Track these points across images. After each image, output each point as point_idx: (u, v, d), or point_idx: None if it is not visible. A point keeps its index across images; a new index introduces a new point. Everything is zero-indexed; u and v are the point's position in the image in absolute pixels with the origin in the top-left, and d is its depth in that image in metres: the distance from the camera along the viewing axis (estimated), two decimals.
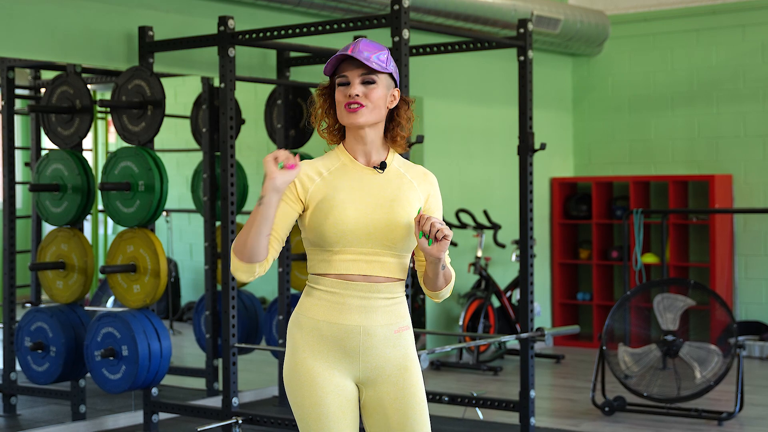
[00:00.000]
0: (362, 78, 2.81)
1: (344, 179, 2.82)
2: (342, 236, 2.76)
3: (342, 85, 2.82)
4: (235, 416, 5.25)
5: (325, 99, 2.88)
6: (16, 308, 5.93)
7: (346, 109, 2.80)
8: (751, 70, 8.28)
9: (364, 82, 2.81)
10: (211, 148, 6.22)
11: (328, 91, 2.88)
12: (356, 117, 2.80)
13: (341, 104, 2.81)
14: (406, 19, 4.87)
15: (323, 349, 2.79)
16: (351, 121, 2.81)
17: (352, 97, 2.79)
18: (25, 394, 5.98)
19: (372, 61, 2.78)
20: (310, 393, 2.77)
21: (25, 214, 6.63)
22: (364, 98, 2.80)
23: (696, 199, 8.44)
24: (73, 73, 5.60)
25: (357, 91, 2.79)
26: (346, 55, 2.79)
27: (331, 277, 2.78)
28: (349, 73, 2.81)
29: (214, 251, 6.22)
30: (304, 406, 2.78)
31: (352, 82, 2.81)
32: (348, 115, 2.80)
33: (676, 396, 6.02)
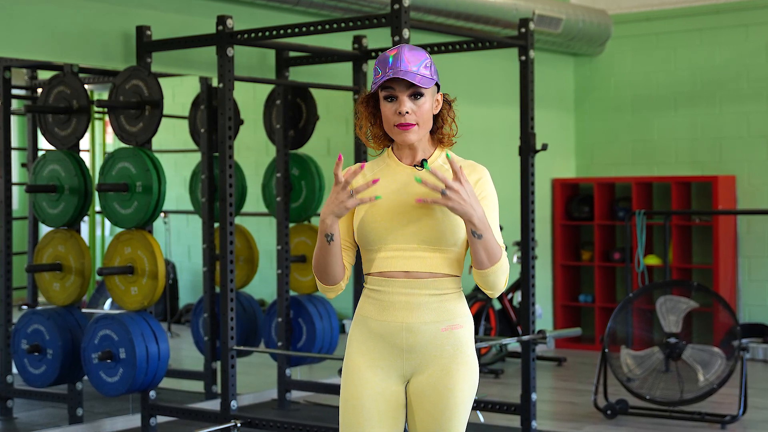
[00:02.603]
0: (411, 92, 2.78)
1: (384, 180, 2.82)
2: (379, 234, 2.78)
3: (389, 99, 2.79)
4: (233, 419, 5.25)
5: (370, 109, 2.85)
6: (13, 310, 5.90)
7: (399, 128, 2.79)
8: (755, 70, 8.24)
9: (412, 95, 2.78)
10: (209, 149, 6.20)
11: (372, 101, 2.85)
12: (409, 136, 2.79)
13: (390, 121, 2.79)
14: (407, 19, 4.85)
15: (371, 345, 2.82)
16: (403, 140, 2.80)
17: (402, 115, 2.77)
18: (22, 397, 5.96)
19: (418, 77, 2.75)
20: (350, 386, 2.82)
21: (22, 216, 6.60)
22: (414, 115, 2.78)
23: (699, 200, 8.41)
24: (70, 73, 5.57)
25: (407, 108, 2.77)
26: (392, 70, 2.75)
27: (374, 276, 2.81)
28: (397, 88, 2.78)
29: (212, 253, 6.19)
30: (344, 398, 2.82)
31: (401, 98, 2.78)
32: (400, 133, 2.79)
33: (679, 399, 5.99)
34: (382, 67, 2.76)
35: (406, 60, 2.75)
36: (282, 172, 6.22)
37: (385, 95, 2.78)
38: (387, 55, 2.78)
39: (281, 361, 6.29)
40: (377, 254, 2.79)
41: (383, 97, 2.78)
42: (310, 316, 6.29)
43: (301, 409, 6.31)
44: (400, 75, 2.73)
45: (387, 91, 2.77)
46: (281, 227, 6.23)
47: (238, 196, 6.40)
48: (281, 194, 6.22)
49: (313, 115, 6.32)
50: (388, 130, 2.80)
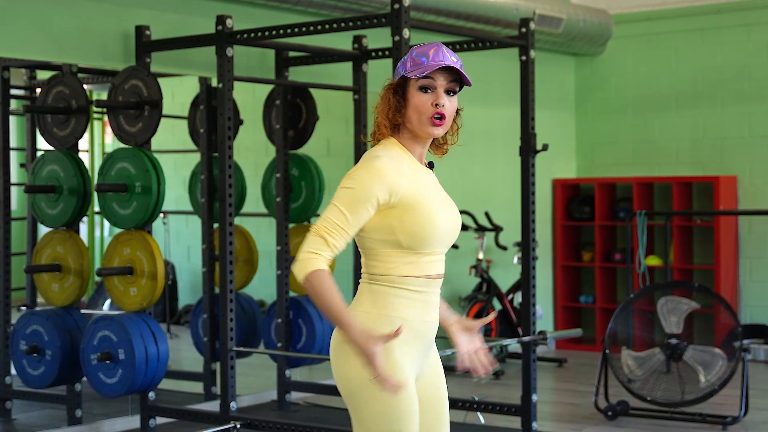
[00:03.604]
0: (448, 87, 2.79)
1: (418, 180, 2.81)
2: (438, 240, 2.80)
3: (425, 89, 2.78)
4: (233, 420, 5.24)
5: (398, 97, 2.83)
6: (12, 311, 5.88)
7: (431, 119, 2.78)
8: (757, 70, 8.22)
9: (447, 91, 2.80)
10: (208, 149, 6.18)
11: (400, 90, 2.83)
12: (440, 130, 2.80)
13: (423, 112, 2.78)
14: (407, 19, 4.83)
15: (414, 347, 2.82)
16: (432, 133, 2.80)
17: (440, 107, 2.78)
18: (21, 398, 5.95)
19: (465, 75, 2.78)
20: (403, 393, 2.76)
21: (21, 216, 6.59)
22: (445, 109, 2.79)
23: (700, 201, 8.39)
24: (69, 73, 5.55)
25: (444, 101, 2.78)
26: (440, 61, 2.75)
27: (419, 278, 2.80)
28: (437, 80, 2.78)
29: (211, 253, 6.17)
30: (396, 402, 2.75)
31: (439, 90, 2.78)
32: (431, 127, 2.79)
33: (680, 400, 5.97)
34: (423, 58, 2.77)
35: (447, 56, 2.78)
36: (282, 173, 6.21)
37: (421, 85, 2.78)
38: (426, 48, 2.79)
39: (281, 362, 6.28)
40: (424, 258, 2.80)
41: (419, 87, 2.78)
42: (310, 317, 6.28)
43: (300, 410, 6.30)
44: (454, 65, 2.75)
45: (426, 81, 2.77)
46: (281, 228, 6.21)
47: (238, 196, 6.38)
48: (281, 195, 6.20)
49: (312, 115, 6.30)
50: (417, 120, 2.79)
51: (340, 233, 2.72)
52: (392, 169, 2.74)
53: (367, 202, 2.72)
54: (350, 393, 2.80)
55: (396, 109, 2.82)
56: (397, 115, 2.83)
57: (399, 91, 2.83)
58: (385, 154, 2.78)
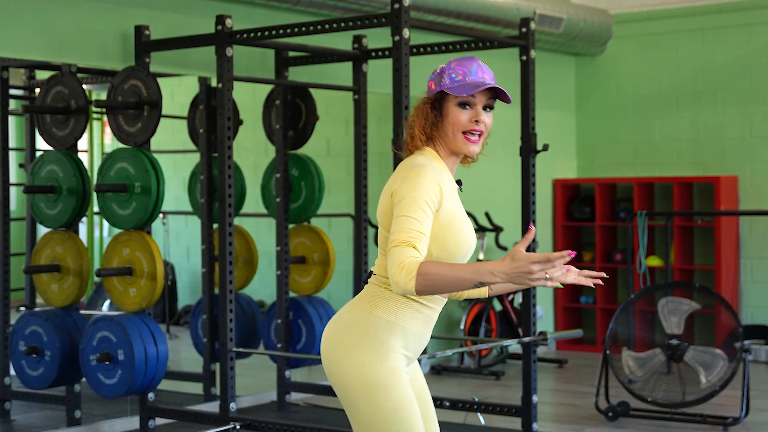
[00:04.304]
0: (487, 103, 2.81)
1: (453, 194, 2.83)
2: (463, 257, 2.83)
3: (464, 105, 2.80)
4: (232, 421, 5.24)
5: (435, 112, 2.84)
6: (11, 312, 5.87)
7: (467, 136, 2.81)
8: (758, 70, 8.21)
9: (485, 107, 2.82)
10: (208, 149, 6.17)
11: (437, 104, 2.84)
12: (476, 147, 2.83)
13: (459, 128, 2.80)
14: (407, 18, 4.82)
15: (407, 357, 2.85)
16: (469, 150, 2.82)
17: (479, 124, 2.80)
18: (20, 399, 5.93)
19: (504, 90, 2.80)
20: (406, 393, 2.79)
21: (20, 216, 6.58)
22: (483, 126, 2.82)
23: (701, 201, 8.37)
24: (68, 73, 5.54)
25: (483, 117, 2.80)
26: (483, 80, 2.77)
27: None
28: (477, 96, 2.80)
29: (211, 254, 6.16)
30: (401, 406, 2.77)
31: (478, 107, 2.81)
32: (467, 144, 2.82)
33: (681, 401, 5.96)
34: (464, 74, 2.78)
35: (487, 72, 2.81)
36: (281, 173, 6.19)
37: (461, 101, 2.80)
38: (464, 63, 2.80)
39: (281, 362, 6.27)
40: None
41: (458, 103, 2.80)
42: (310, 318, 6.26)
43: (300, 411, 6.29)
44: (497, 86, 2.78)
45: (465, 98, 2.79)
46: (281, 228, 6.20)
47: (237, 196, 6.37)
48: (280, 195, 6.19)
49: (312, 115, 6.29)
50: (453, 136, 2.81)
51: (422, 239, 2.69)
52: (438, 179, 2.76)
53: (429, 203, 2.72)
54: (351, 395, 2.79)
55: (433, 123, 2.84)
56: (434, 129, 2.84)
57: (436, 105, 2.84)
58: (428, 163, 2.79)
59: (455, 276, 2.60)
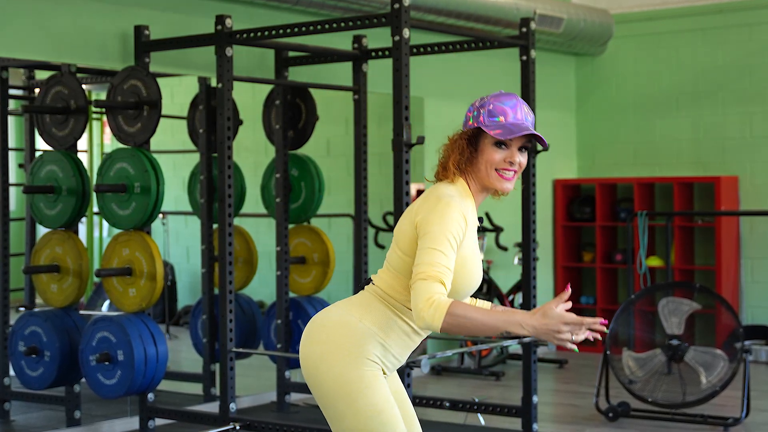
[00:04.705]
0: (522, 144, 2.83)
1: (474, 232, 2.83)
2: (465, 294, 2.84)
3: (500, 145, 2.81)
4: (232, 422, 5.23)
5: (470, 147, 2.84)
6: (10, 312, 5.86)
7: (501, 175, 2.82)
8: (758, 70, 8.20)
9: (521, 147, 2.83)
10: (208, 150, 6.16)
11: (473, 139, 2.85)
12: (510, 185, 2.84)
13: (493, 166, 2.81)
14: (407, 18, 4.81)
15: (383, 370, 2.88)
16: (503, 189, 2.83)
17: (513, 165, 2.81)
18: (19, 399, 5.92)
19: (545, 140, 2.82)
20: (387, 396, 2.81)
21: (19, 217, 6.56)
22: (518, 167, 2.83)
23: (701, 201, 8.36)
24: (67, 73, 5.53)
25: (518, 158, 2.81)
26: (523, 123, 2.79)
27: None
28: (515, 138, 2.81)
29: (211, 254, 6.15)
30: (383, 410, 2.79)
31: (513, 148, 2.81)
32: (501, 181, 2.82)
33: (682, 401, 5.95)
34: (504, 113, 2.79)
35: (527, 114, 2.82)
36: (281, 173, 6.18)
37: (497, 141, 2.81)
38: (504, 102, 2.82)
39: (280, 363, 6.26)
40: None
41: (494, 143, 2.81)
42: (310, 318, 6.24)
43: (300, 411, 6.28)
44: (536, 132, 2.79)
45: (500, 137, 2.79)
46: (280, 228, 6.19)
47: (237, 196, 6.36)
48: (280, 195, 6.18)
49: (312, 115, 6.28)
50: (487, 174, 2.82)
51: (448, 275, 2.71)
52: (464, 214, 2.78)
53: (457, 239, 2.74)
54: (329, 395, 2.80)
55: (467, 159, 2.84)
56: (467, 164, 2.85)
57: (472, 139, 2.84)
58: (458, 196, 2.81)
59: (484, 322, 2.64)
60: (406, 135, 4.73)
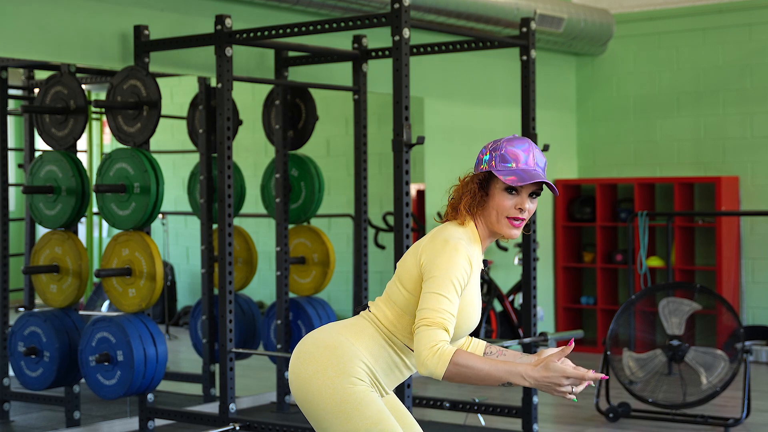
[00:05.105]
0: (532, 191, 2.83)
1: (476, 275, 2.84)
2: (461, 336, 2.84)
3: (510, 191, 2.81)
4: (232, 423, 5.22)
5: (481, 191, 2.85)
6: (9, 312, 5.85)
7: (511, 221, 2.82)
8: (759, 70, 8.19)
9: (531, 194, 2.83)
10: (207, 150, 6.15)
11: (485, 183, 2.85)
12: (517, 232, 2.84)
13: (504, 213, 2.81)
14: (407, 18, 4.80)
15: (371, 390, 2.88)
16: (511, 235, 2.83)
17: (523, 212, 2.82)
18: (19, 399, 5.92)
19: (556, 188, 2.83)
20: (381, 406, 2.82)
21: (19, 217, 6.56)
22: (528, 213, 2.84)
23: (702, 202, 8.35)
24: (67, 73, 5.52)
25: (528, 205, 2.82)
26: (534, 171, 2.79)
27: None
28: (525, 185, 2.82)
29: (210, 254, 6.14)
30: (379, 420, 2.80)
31: (523, 195, 2.82)
32: (511, 228, 2.83)
33: (682, 402, 5.94)
34: (516, 159, 2.79)
35: (539, 159, 2.82)
36: (281, 173, 6.18)
37: (508, 187, 2.81)
38: (517, 147, 2.80)
39: (280, 363, 6.25)
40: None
41: (505, 188, 2.81)
42: (310, 319, 6.24)
43: (299, 412, 6.26)
44: (548, 181, 2.80)
45: (512, 184, 2.80)
46: (280, 228, 6.18)
47: (237, 197, 6.35)
48: (280, 195, 6.17)
49: (312, 115, 6.27)
50: (497, 219, 2.82)
51: (452, 321, 2.73)
52: (471, 259, 2.78)
53: (462, 284, 2.75)
54: (321, 413, 2.80)
55: (479, 203, 2.84)
56: (479, 209, 2.85)
57: (483, 183, 2.84)
58: (466, 240, 2.81)
59: (487, 372, 2.66)
60: (406, 135, 4.72)
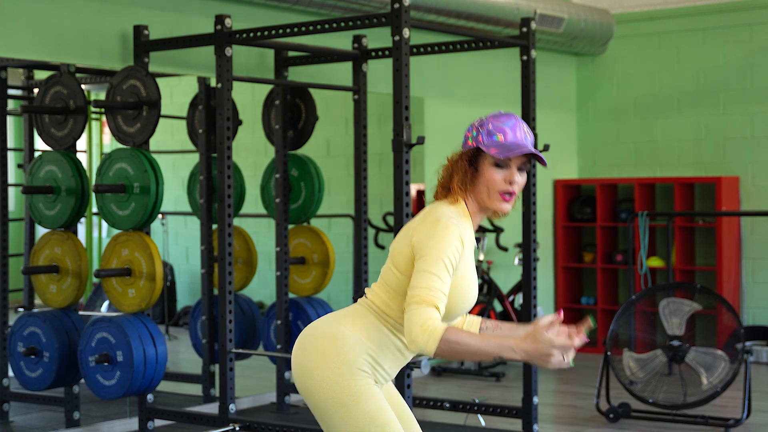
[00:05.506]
0: (521, 164, 2.83)
1: (471, 253, 2.83)
2: (459, 313, 2.83)
3: (499, 165, 2.81)
4: (232, 423, 5.22)
5: (471, 168, 2.84)
6: (9, 313, 5.84)
7: (502, 196, 2.81)
8: (759, 70, 8.18)
9: (520, 168, 2.83)
10: (207, 150, 6.15)
11: (473, 160, 2.85)
12: (509, 207, 2.83)
13: (494, 187, 2.81)
14: (407, 18, 4.79)
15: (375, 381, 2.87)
16: (502, 209, 2.83)
17: (513, 184, 2.81)
18: (18, 400, 5.91)
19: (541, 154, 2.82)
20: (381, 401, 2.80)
21: (18, 217, 6.55)
22: (517, 187, 2.83)
23: (702, 202, 8.35)
24: (66, 73, 5.52)
25: (517, 178, 2.81)
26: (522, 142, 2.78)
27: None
28: (513, 158, 2.81)
29: (210, 255, 6.14)
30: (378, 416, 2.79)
31: (512, 168, 2.82)
32: (501, 204, 2.82)
33: (682, 402, 5.93)
34: (503, 132, 2.79)
35: (526, 133, 2.81)
36: (281, 173, 6.17)
37: (496, 161, 2.80)
38: (504, 122, 2.80)
39: (280, 364, 6.24)
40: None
41: (493, 163, 2.81)
42: (309, 319, 6.24)
43: (300, 412, 6.27)
44: (538, 153, 2.79)
45: (501, 159, 2.80)
46: (280, 229, 6.17)
47: (237, 197, 6.35)
48: (280, 195, 6.17)
49: (312, 115, 6.27)
50: (487, 195, 2.82)
51: (443, 300, 2.71)
52: (462, 236, 2.76)
53: (453, 261, 2.73)
54: (323, 405, 2.79)
55: (470, 180, 2.84)
56: (469, 185, 2.85)
57: (472, 160, 2.84)
58: (456, 217, 2.80)
59: (478, 348, 2.64)
60: (406, 135, 4.72)
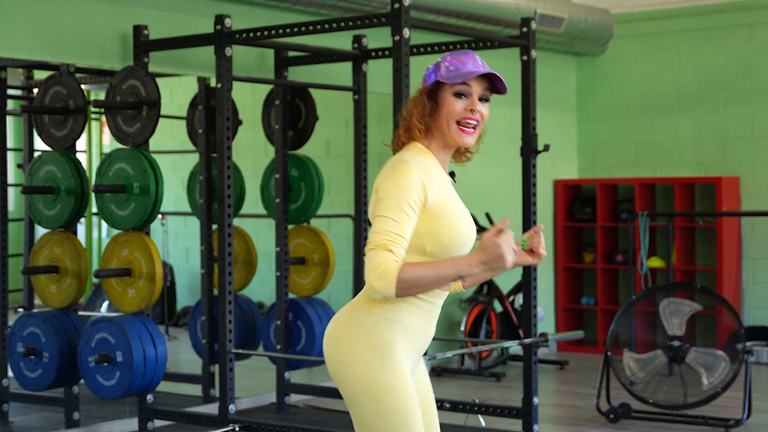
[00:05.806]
0: (483, 94, 2.79)
1: (445, 186, 2.79)
2: (459, 249, 2.78)
3: (459, 95, 2.77)
4: (232, 423, 5.22)
5: (431, 102, 2.81)
6: (9, 313, 5.84)
7: (461, 127, 2.78)
8: (759, 70, 8.18)
9: (480, 98, 2.79)
10: (207, 150, 6.14)
11: (433, 95, 2.81)
12: (470, 139, 2.80)
13: (454, 117, 2.77)
14: (407, 18, 4.80)
15: (411, 354, 2.81)
16: (464, 142, 2.79)
17: (474, 113, 2.77)
18: (18, 400, 5.91)
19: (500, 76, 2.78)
20: (408, 394, 2.77)
21: (18, 217, 6.55)
22: (479, 116, 2.78)
23: (703, 202, 8.35)
24: (66, 73, 5.51)
25: (479, 107, 2.77)
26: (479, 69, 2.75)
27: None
28: (473, 87, 2.78)
29: (210, 255, 6.14)
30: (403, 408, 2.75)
31: (474, 97, 2.78)
32: (461, 135, 2.78)
33: (683, 403, 5.93)
34: (459, 64, 2.77)
35: (484, 66, 2.79)
36: (281, 173, 6.17)
37: (456, 91, 2.77)
38: (460, 55, 2.79)
39: (280, 364, 6.24)
40: None
41: (453, 93, 2.77)
42: (309, 319, 6.24)
43: (300, 412, 6.26)
44: (495, 73, 2.76)
45: (461, 87, 2.76)
46: (280, 229, 6.17)
47: (237, 197, 6.35)
48: (280, 195, 6.16)
49: (312, 115, 6.26)
50: (447, 126, 2.78)
51: (399, 241, 2.67)
52: (422, 174, 2.72)
53: (412, 204, 2.69)
54: (353, 393, 2.78)
55: (429, 114, 2.81)
56: (429, 120, 2.81)
57: (432, 95, 2.81)
58: (413, 158, 2.77)
59: (435, 274, 2.64)
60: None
